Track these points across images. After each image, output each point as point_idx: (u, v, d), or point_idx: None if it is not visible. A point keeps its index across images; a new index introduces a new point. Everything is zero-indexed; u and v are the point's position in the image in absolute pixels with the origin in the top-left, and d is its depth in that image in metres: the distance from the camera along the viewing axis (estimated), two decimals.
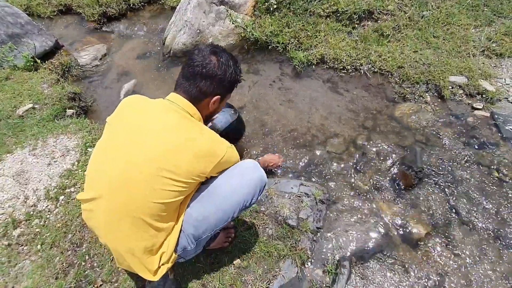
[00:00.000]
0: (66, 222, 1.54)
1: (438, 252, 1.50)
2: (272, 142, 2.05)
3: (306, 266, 1.44)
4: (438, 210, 1.65)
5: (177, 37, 2.76)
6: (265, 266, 1.37)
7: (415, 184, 1.75)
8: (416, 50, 2.44)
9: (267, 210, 1.58)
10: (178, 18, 2.80)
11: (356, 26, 2.67)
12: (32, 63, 2.53)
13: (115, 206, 0.89)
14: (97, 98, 2.58)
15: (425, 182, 1.76)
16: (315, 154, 1.97)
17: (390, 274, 1.45)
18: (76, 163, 1.79)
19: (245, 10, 2.80)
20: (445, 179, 1.76)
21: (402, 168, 1.82)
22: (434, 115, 2.10)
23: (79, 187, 1.67)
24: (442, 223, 1.60)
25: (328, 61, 2.50)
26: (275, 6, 2.74)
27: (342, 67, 2.46)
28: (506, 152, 1.85)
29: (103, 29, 3.30)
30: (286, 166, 1.92)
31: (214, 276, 1.33)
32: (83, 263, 1.41)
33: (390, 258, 1.50)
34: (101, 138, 1.00)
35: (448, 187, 1.73)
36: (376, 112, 2.18)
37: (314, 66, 2.53)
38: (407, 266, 1.47)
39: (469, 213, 1.62)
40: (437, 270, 1.45)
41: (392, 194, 1.73)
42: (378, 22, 2.64)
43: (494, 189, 1.70)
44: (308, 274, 1.41)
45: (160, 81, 2.67)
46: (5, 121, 2.02)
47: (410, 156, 1.85)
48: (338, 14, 2.68)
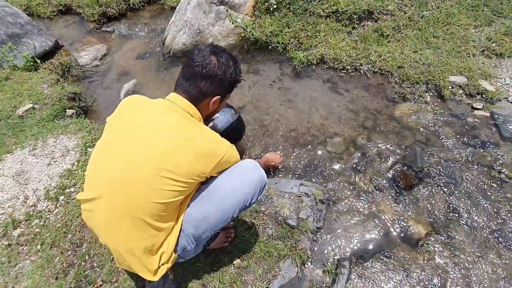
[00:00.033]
0: (66, 222, 1.54)
1: (438, 252, 1.50)
2: (272, 142, 2.05)
3: (306, 266, 1.44)
4: (438, 210, 1.65)
5: (177, 37, 2.76)
6: (265, 266, 1.37)
7: (415, 184, 1.75)
8: (416, 50, 2.44)
9: (267, 210, 1.58)
10: (178, 18, 2.80)
11: (356, 26, 2.67)
12: (32, 63, 2.53)
13: (115, 206, 0.89)
14: (97, 98, 2.58)
15: (425, 182, 1.76)
16: (315, 154, 1.97)
17: (390, 274, 1.45)
18: (76, 163, 1.79)
19: (245, 10, 2.80)
20: (445, 179, 1.76)
21: (402, 168, 1.82)
22: (434, 115, 2.10)
23: (79, 187, 1.67)
24: (442, 223, 1.60)
25: (328, 61, 2.50)
26: (275, 6, 2.74)
27: (342, 67, 2.46)
28: (506, 152, 1.85)
29: (103, 29, 3.30)
30: (286, 166, 1.92)
31: (214, 276, 1.33)
32: (83, 263, 1.41)
33: (390, 258, 1.50)
34: (101, 138, 1.00)
35: (448, 187, 1.73)
36: (376, 112, 2.18)
37: (314, 66, 2.53)
38: (407, 266, 1.47)
39: (469, 213, 1.62)
40: (437, 270, 1.45)
41: (392, 194, 1.73)
42: (378, 22, 2.64)
43: (494, 189, 1.70)
44: (308, 274, 1.41)
45: (160, 81, 2.67)
46: (5, 121, 2.02)
47: (410, 156, 1.85)
48: (338, 14, 2.69)
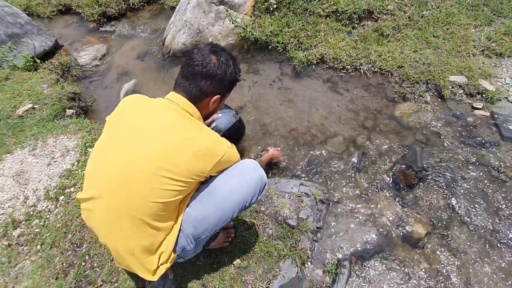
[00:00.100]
0: (66, 222, 1.54)
1: (438, 252, 1.50)
2: (272, 142, 2.05)
3: (306, 266, 1.44)
4: (438, 210, 1.65)
5: (176, 37, 2.76)
6: (265, 266, 1.37)
7: (415, 183, 1.75)
8: (416, 50, 2.44)
9: (267, 210, 1.58)
10: (178, 18, 2.79)
11: (356, 26, 2.67)
12: (31, 63, 2.53)
13: (115, 206, 0.89)
14: (97, 98, 2.58)
15: (425, 182, 1.76)
16: (315, 154, 1.97)
17: (390, 274, 1.45)
18: (76, 163, 1.79)
19: (244, 10, 2.80)
20: (445, 179, 1.76)
21: (402, 167, 1.82)
22: (434, 115, 2.10)
23: (79, 187, 1.67)
24: (442, 223, 1.60)
25: (328, 61, 2.50)
26: (275, 6, 2.74)
27: (342, 67, 2.46)
28: (506, 151, 1.85)
29: (103, 29, 3.30)
30: (286, 166, 1.92)
31: (214, 276, 1.33)
32: (83, 263, 1.41)
33: (390, 258, 1.50)
34: (100, 137, 1.00)
35: (448, 187, 1.73)
36: (376, 111, 2.18)
37: (314, 66, 2.53)
38: (407, 266, 1.47)
39: (469, 212, 1.62)
40: (437, 270, 1.45)
41: (392, 194, 1.73)
42: (378, 21, 2.64)
43: (494, 188, 1.70)
44: (308, 274, 1.41)
45: (160, 81, 2.67)
46: (4, 121, 2.02)
47: (410, 155, 1.85)
48: (338, 14, 2.68)
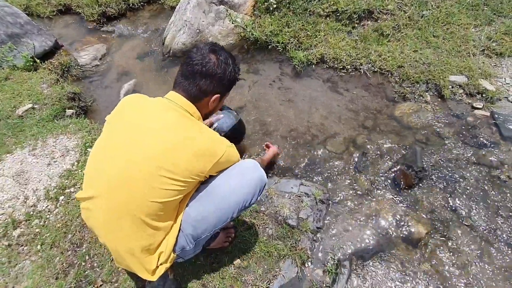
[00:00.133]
0: (66, 222, 1.54)
1: (438, 251, 1.50)
2: (272, 142, 2.05)
3: (306, 266, 1.43)
4: (438, 210, 1.64)
5: (176, 37, 2.75)
6: (265, 266, 1.37)
7: (415, 183, 1.74)
8: (416, 50, 2.44)
9: (267, 210, 1.58)
10: (178, 18, 2.79)
11: (356, 25, 2.67)
12: (31, 63, 2.53)
13: (115, 205, 0.89)
14: (96, 98, 2.58)
15: (425, 182, 1.76)
16: (315, 153, 1.97)
17: (390, 274, 1.44)
18: (75, 163, 1.79)
19: (244, 10, 2.80)
20: (445, 179, 1.76)
21: (402, 167, 1.81)
22: (434, 115, 2.09)
23: (79, 187, 1.67)
24: (442, 223, 1.59)
25: (328, 60, 2.49)
26: (275, 6, 2.74)
27: (342, 67, 2.45)
28: (506, 151, 1.85)
29: (103, 29, 3.30)
30: (286, 166, 1.92)
31: (214, 276, 1.33)
32: (83, 263, 1.41)
33: (390, 258, 1.49)
34: (100, 136, 0.99)
35: (448, 187, 1.73)
36: (376, 111, 2.18)
37: (314, 66, 2.53)
38: (407, 266, 1.46)
39: (469, 212, 1.62)
40: (437, 269, 1.45)
41: (392, 194, 1.73)
42: (378, 21, 2.64)
43: (494, 188, 1.70)
44: (308, 274, 1.41)
45: (160, 81, 2.66)
46: (4, 121, 2.02)
47: (410, 155, 1.85)
48: (338, 14, 2.68)
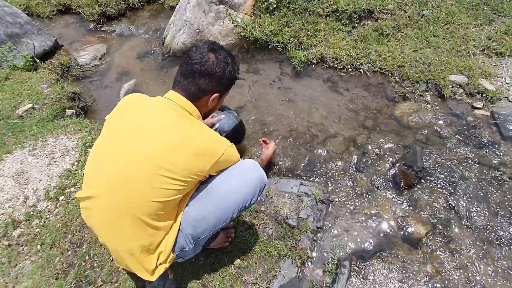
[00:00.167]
0: (66, 222, 1.54)
1: (438, 251, 1.50)
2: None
3: (306, 266, 1.43)
4: (438, 210, 1.64)
5: (176, 36, 2.75)
6: (265, 266, 1.37)
7: (415, 183, 1.74)
8: (416, 49, 2.43)
9: (267, 210, 1.58)
10: (178, 18, 2.79)
11: (356, 25, 2.66)
12: (31, 63, 2.53)
13: (115, 205, 0.89)
14: (96, 98, 2.58)
15: (425, 182, 1.76)
16: (315, 153, 1.97)
17: (390, 274, 1.45)
18: (75, 163, 1.79)
19: (244, 10, 2.80)
20: (445, 179, 1.76)
21: (402, 167, 1.81)
22: (434, 115, 2.09)
23: (79, 187, 1.67)
24: (442, 223, 1.60)
25: (328, 60, 2.49)
26: (275, 6, 2.74)
27: (342, 67, 2.45)
28: (506, 151, 1.84)
29: (103, 28, 3.30)
30: (286, 165, 1.92)
31: (214, 276, 1.33)
32: (83, 263, 1.41)
33: (390, 257, 1.49)
34: (99, 136, 0.99)
35: (448, 187, 1.73)
36: (376, 111, 2.18)
37: (314, 66, 2.53)
38: (407, 266, 1.47)
39: (469, 212, 1.62)
40: (437, 269, 1.45)
41: (392, 194, 1.73)
42: (378, 21, 2.64)
43: (494, 188, 1.70)
44: (308, 274, 1.41)
45: (160, 80, 2.66)
46: (4, 121, 2.02)
47: (410, 155, 1.85)
48: (338, 14, 2.68)
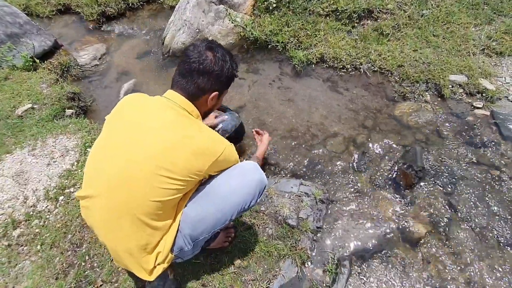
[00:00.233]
0: (65, 222, 1.53)
1: (438, 251, 1.50)
2: (272, 142, 2.05)
3: (306, 265, 1.43)
4: (438, 210, 1.64)
5: (176, 36, 2.75)
6: (265, 266, 1.37)
7: (415, 183, 1.74)
8: (416, 49, 2.43)
9: (267, 209, 1.58)
10: (177, 18, 2.79)
11: (355, 25, 2.66)
12: (31, 63, 2.52)
13: (115, 205, 0.89)
14: (96, 98, 2.58)
15: (425, 181, 1.76)
16: (315, 153, 1.96)
17: (390, 274, 1.45)
18: (75, 163, 1.79)
19: (244, 9, 2.79)
20: (445, 178, 1.76)
21: (402, 167, 1.81)
22: (434, 114, 2.09)
23: (79, 187, 1.67)
24: (442, 223, 1.60)
25: (327, 60, 2.49)
26: (275, 5, 2.74)
27: (341, 66, 2.45)
28: (506, 151, 1.84)
29: (102, 28, 3.29)
30: (286, 165, 1.92)
31: (214, 276, 1.33)
32: (83, 264, 1.40)
33: (390, 257, 1.50)
34: (99, 136, 0.99)
35: (448, 186, 1.73)
36: (376, 111, 2.18)
37: (313, 65, 2.53)
38: (407, 265, 1.47)
39: (469, 212, 1.62)
40: (437, 269, 1.45)
41: (392, 193, 1.73)
42: (378, 21, 2.64)
43: (494, 188, 1.70)
44: (308, 274, 1.41)
45: (159, 80, 2.66)
46: (4, 121, 2.02)
47: (410, 155, 1.85)
48: (338, 13, 2.68)
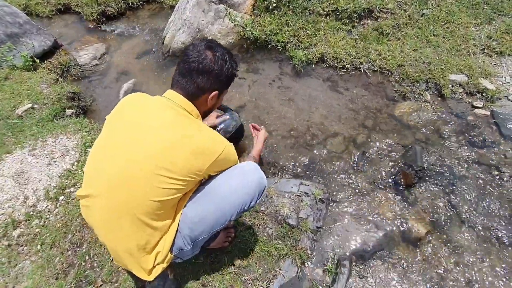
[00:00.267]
0: (66, 222, 1.53)
1: (438, 251, 1.50)
2: (271, 141, 2.05)
3: (306, 265, 1.44)
4: (438, 209, 1.64)
5: (176, 36, 2.75)
6: (265, 266, 1.37)
7: (415, 183, 1.74)
8: (416, 49, 2.43)
9: (267, 209, 1.58)
10: (177, 17, 2.79)
11: (355, 24, 2.66)
12: (31, 63, 2.52)
13: (115, 204, 0.89)
14: (96, 97, 2.58)
15: (425, 181, 1.76)
16: (315, 153, 1.96)
17: (390, 273, 1.45)
18: (75, 163, 1.79)
19: (244, 9, 2.79)
20: (445, 178, 1.76)
21: (402, 167, 1.81)
22: (434, 114, 2.09)
23: (79, 187, 1.67)
24: (442, 222, 1.60)
25: (327, 60, 2.49)
26: (275, 5, 2.73)
27: (342, 66, 2.45)
28: (506, 150, 1.84)
29: (102, 28, 3.29)
30: (286, 165, 1.92)
31: (214, 276, 1.33)
32: (83, 263, 1.41)
33: (390, 257, 1.50)
34: (99, 135, 0.99)
35: (448, 186, 1.73)
36: (376, 111, 2.18)
37: (313, 65, 2.52)
38: (407, 265, 1.47)
39: (469, 212, 1.62)
40: (437, 269, 1.45)
41: (392, 193, 1.73)
42: (378, 20, 2.63)
43: (494, 187, 1.70)
44: (308, 274, 1.41)
45: (159, 80, 2.66)
46: (4, 121, 2.02)
47: (410, 155, 1.85)
48: (338, 13, 2.68)
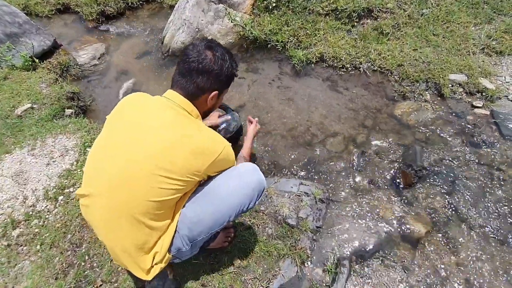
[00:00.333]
0: (65, 222, 1.53)
1: (438, 251, 1.50)
2: (271, 141, 2.05)
3: (306, 265, 1.44)
4: (438, 209, 1.64)
5: (175, 36, 2.75)
6: (265, 266, 1.37)
7: (415, 182, 1.74)
8: (415, 48, 2.43)
9: (267, 209, 1.58)
10: (177, 17, 2.79)
11: (355, 24, 2.66)
12: (30, 63, 2.52)
13: (115, 204, 0.89)
14: (96, 97, 2.58)
15: (425, 181, 1.76)
16: (315, 153, 1.96)
17: (390, 273, 1.45)
18: (75, 163, 1.79)
19: (244, 9, 2.79)
20: (445, 178, 1.76)
21: (402, 166, 1.81)
22: (434, 114, 2.09)
23: (78, 187, 1.66)
24: (442, 222, 1.60)
25: (327, 59, 2.49)
26: (274, 5, 2.73)
27: (341, 66, 2.45)
28: (506, 150, 1.84)
29: (102, 28, 3.28)
30: (286, 165, 1.92)
31: (214, 276, 1.33)
32: (83, 263, 1.41)
33: (390, 257, 1.50)
34: (99, 135, 0.99)
35: (448, 186, 1.73)
36: (375, 110, 2.18)
37: (313, 65, 2.52)
38: (407, 265, 1.47)
39: (469, 211, 1.62)
40: (437, 269, 1.45)
41: (392, 193, 1.73)
42: (378, 20, 2.63)
43: (494, 187, 1.70)
44: (308, 273, 1.41)
45: (159, 80, 2.66)
46: (3, 121, 2.02)
47: (410, 154, 1.85)
48: (337, 12, 2.67)
